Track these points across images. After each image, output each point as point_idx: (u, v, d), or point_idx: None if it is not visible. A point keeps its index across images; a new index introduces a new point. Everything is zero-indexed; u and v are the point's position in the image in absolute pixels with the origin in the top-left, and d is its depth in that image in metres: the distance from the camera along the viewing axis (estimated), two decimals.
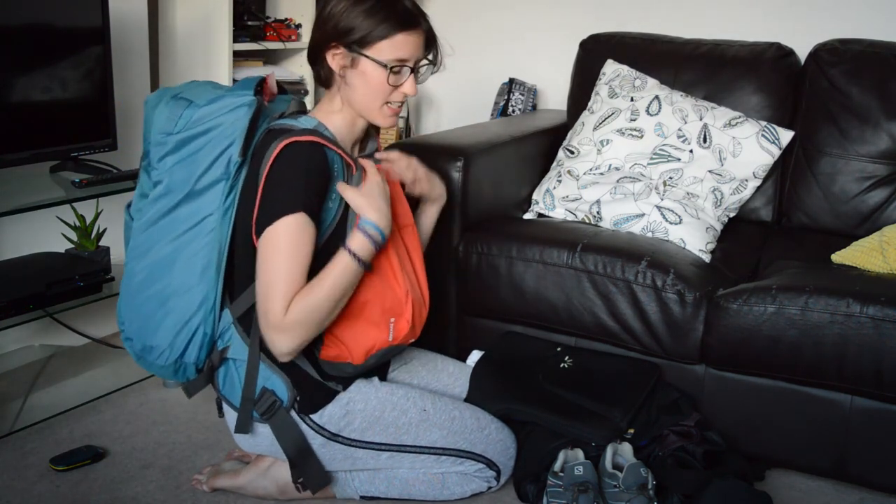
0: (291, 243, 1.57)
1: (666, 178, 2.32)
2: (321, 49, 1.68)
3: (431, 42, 1.71)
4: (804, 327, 1.82)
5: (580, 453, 1.80)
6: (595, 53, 2.67)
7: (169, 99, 1.66)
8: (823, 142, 2.40)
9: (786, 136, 2.35)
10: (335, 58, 1.66)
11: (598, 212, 2.27)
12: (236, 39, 2.72)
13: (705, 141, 2.34)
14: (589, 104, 2.54)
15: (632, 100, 2.44)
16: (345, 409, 1.72)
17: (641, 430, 1.86)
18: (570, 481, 1.71)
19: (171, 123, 1.64)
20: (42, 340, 2.48)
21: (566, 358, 2.03)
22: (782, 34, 2.59)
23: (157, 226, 1.66)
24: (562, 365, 2.01)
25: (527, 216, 2.41)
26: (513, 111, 3.02)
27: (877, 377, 1.78)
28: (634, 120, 2.40)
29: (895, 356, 1.75)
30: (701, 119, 2.37)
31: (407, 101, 2.63)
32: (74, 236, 2.30)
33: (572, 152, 2.45)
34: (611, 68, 2.56)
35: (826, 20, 2.67)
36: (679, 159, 2.34)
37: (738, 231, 2.36)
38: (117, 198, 2.26)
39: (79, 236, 2.29)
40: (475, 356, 2.07)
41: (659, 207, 2.21)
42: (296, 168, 1.59)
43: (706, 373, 1.98)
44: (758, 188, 2.38)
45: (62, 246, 2.34)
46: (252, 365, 1.69)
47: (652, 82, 2.49)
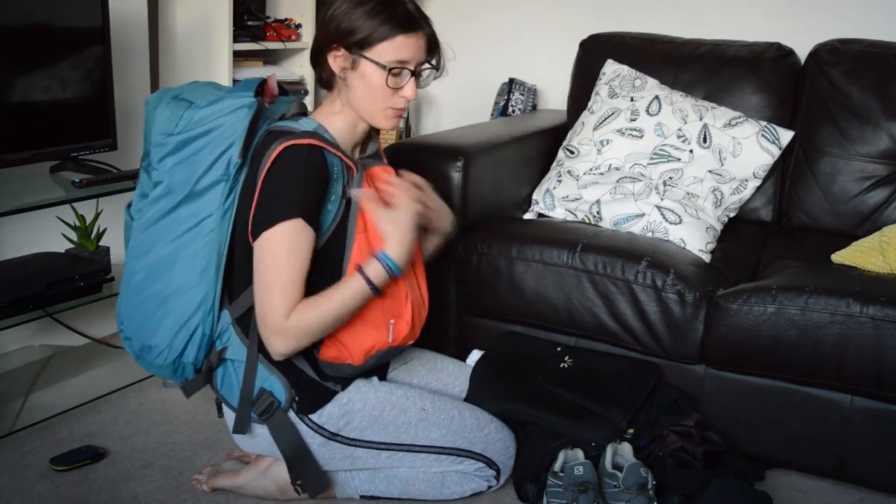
0: (289, 248, 1.58)
1: (666, 178, 2.32)
2: (323, 51, 1.68)
3: (434, 46, 1.70)
4: (804, 327, 1.82)
5: (580, 453, 1.80)
6: (595, 53, 2.67)
7: (169, 100, 1.66)
8: (823, 142, 2.39)
9: (786, 136, 2.35)
10: (336, 59, 1.66)
11: (598, 212, 2.27)
12: (236, 39, 2.72)
13: (705, 141, 2.34)
14: (589, 104, 2.54)
15: (632, 100, 2.44)
16: (344, 409, 1.72)
17: (641, 430, 1.86)
18: (570, 481, 1.71)
19: (172, 124, 1.64)
20: (42, 340, 2.48)
21: (566, 358, 2.03)
22: (782, 34, 2.59)
23: (157, 226, 1.66)
24: (562, 365, 2.01)
25: (527, 216, 2.41)
26: (513, 111, 3.01)
27: (877, 377, 1.78)
28: (634, 120, 2.40)
29: (895, 356, 1.75)
30: (701, 119, 2.37)
31: None
32: (74, 236, 2.30)
33: (572, 152, 2.45)
34: (611, 68, 2.56)
35: (826, 20, 2.67)
36: (679, 159, 2.34)
37: (738, 231, 2.36)
38: (117, 198, 2.26)
39: (79, 236, 2.29)
40: (475, 356, 2.07)
41: (659, 207, 2.21)
42: (294, 171, 1.59)
43: (706, 373, 1.97)
44: (758, 188, 2.38)
45: (62, 246, 2.34)
46: (250, 365, 1.69)
47: (652, 82, 2.49)
